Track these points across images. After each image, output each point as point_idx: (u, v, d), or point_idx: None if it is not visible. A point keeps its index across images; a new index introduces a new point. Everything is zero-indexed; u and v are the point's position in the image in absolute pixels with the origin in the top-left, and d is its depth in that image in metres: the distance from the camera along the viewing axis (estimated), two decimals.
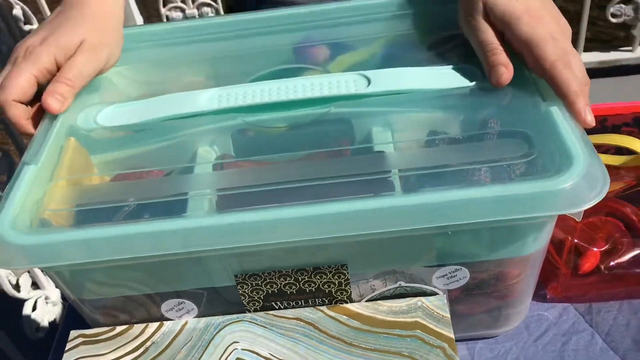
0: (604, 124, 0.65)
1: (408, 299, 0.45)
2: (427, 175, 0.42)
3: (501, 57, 0.44)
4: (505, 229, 0.41)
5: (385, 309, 0.44)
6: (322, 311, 0.45)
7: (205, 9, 1.61)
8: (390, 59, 0.53)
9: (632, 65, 1.76)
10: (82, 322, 0.49)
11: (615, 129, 0.64)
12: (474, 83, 0.46)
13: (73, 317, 0.53)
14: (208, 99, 0.49)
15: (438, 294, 0.45)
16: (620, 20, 1.71)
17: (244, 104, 0.48)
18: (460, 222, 0.38)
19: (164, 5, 1.68)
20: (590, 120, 0.42)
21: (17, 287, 1.19)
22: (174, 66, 0.55)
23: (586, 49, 1.72)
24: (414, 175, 0.42)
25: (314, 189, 0.42)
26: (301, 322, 0.44)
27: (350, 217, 0.39)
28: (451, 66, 0.48)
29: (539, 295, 0.52)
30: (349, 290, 0.45)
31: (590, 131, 0.67)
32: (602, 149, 0.60)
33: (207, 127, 0.49)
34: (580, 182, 0.37)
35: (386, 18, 0.55)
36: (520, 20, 0.44)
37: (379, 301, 0.45)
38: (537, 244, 0.43)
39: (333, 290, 0.45)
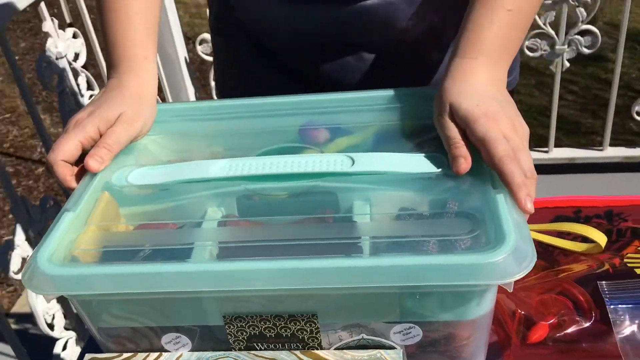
0: (578, 214, 0.72)
1: (369, 350, 0.52)
2: (390, 243, 0.50)
3: (462, 150, 0.53)
4: (450, 294, 0.48)
5: (349, 357, 0.51)
6: (295, 355, 0.52)
7: None
8: (378, 144, 0.62)
9: None
10: (98, 351, 0.58)
11: (587, 220, 0.70)
12: (440, 170, 0.55)
13: (92, 346, 0.62)
14: (220, 167, 0.58)
15: (396, 348, 0.52)
16: None
17: (249, 173, 0.58)
18: (406, 283, 0.46)
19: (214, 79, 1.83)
20: (530, 208, 0.49)
21: (51, 326, 1.29)
22: (197, 138, 0.66)
23: (627, 142, 1.82)
24: (380, 242, 0.51)
25: (296, 248, 0.50)
26: None
27: (319, 272, 0.47)
28: (423, 154, 0.57)
29: None
30: (319, 338, 0.52)
31: (564, 219, 0.74)
32: (570, 236, 0.67)
33: (217, 191, 0.58)
34: (509, 257, 0.45)
35: (378, 109, 0.64)
36: (477, 122, 0.52)
37: (345, 350, 0.52)
38: (481, 310, 0.49)
39: (305, 337, 0.52)
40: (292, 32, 0.74)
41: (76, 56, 1.28)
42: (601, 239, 0.63)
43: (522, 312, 0.56)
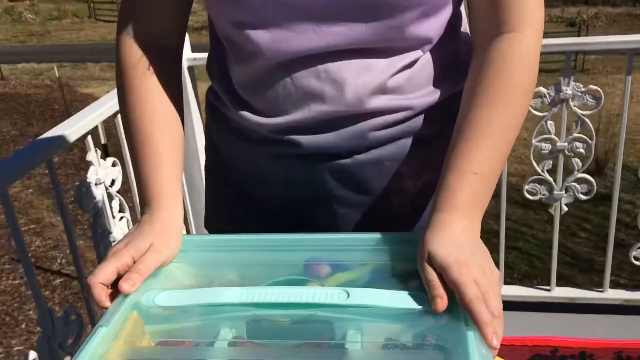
0: (554, 353, 0.79)
1: None
2: None
3: (439, 291, 0.62)
4: None
5: None
6: None
7: None
8: (373, 280, 0.72)
9: None
10: None
11: (562, 359, 0.78)
12: (422, 306, 0.64)
13: None
14: (233, 294, 0.68)
15: None
16: None
17: (258, 301, 0.67)
18: None
19: None
20: (495, 344, 0.58)
21: None
22: (215, 266, 0.76)
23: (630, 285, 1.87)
24: None
25: None
26: None
27: None
28: (409, 292, 0.66)
29: None
30: None
31: (540, 357, 0.81)
32: None
33: (229, 314, 0.68)
34: None
35: (373, 250, 0.74)
36: (450, 268, 0.62)
37: None
38: None
39: None
40: (282, 185, 0.85)
41: (112, 182, 1.43)
42: None
43: None
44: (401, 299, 0.65)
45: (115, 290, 0.70)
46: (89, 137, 1.33)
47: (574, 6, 26.57)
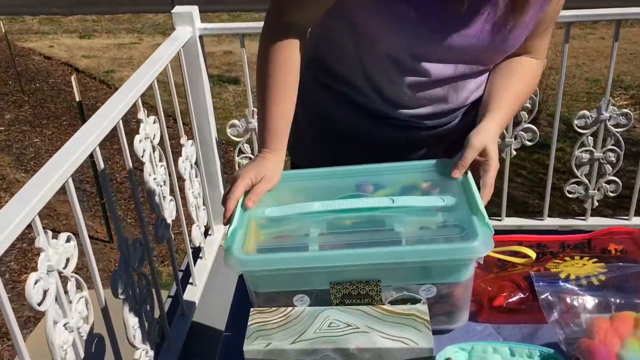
0: (520, 244, 1.18)
1: (409, 304, 0.95)
2: (415, 240, 0.95)
3: (466, 164, 1.05)
4: (449, 266, 0.93)
5: (397, 309, 0.94)
6: (370, 307, 0.95)
7: None
8: (402, 194, 1.08)
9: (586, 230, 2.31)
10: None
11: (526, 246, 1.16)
12: (442, 205, 1.01)
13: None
14: (316, 206, 1.03)
15: (422, 299, 0.96)
16: (574, 196, 2.29)
17: (333, 208, 1.03)
18: (427, 258, 0.90)
19: (238, 155, 2.30)
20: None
21: None
22: (303, 190, 1.11)
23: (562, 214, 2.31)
24: (410, 239, 0.95)
25: (365, 244, 0.94)
26: (359, 311, 0.94)
27: (379, 254, 0.91)
28: (430, 196, 1.03)
29: (475, 320, 1.02)
30: (380, 295, 0.95)
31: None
32: (518, 255, 1.13)
33: (315, 219, 1.03)
34: (480, 245, 0.89)
35: (402, 174, 1.10)
36: (492, 147, 1.06)
37: (394, 305, 0.95)
38: (465, 276, 0.94)
39: (373, 294, 0.95)
40: (383, 141, 1.26)
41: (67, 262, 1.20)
42: (533, 254, 1.09)
43: (490, 289, 1.01)
44: (429, 201, 1.02)
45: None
46: (37, 218, 1.11)
47: None
